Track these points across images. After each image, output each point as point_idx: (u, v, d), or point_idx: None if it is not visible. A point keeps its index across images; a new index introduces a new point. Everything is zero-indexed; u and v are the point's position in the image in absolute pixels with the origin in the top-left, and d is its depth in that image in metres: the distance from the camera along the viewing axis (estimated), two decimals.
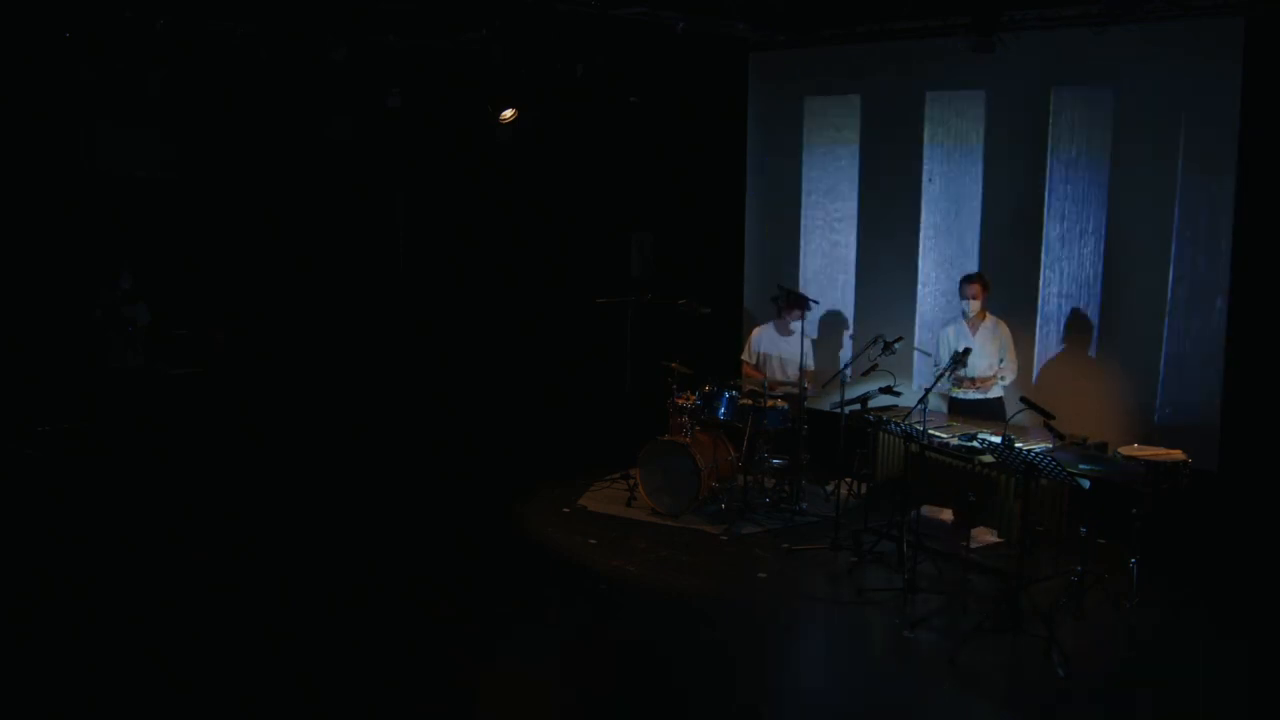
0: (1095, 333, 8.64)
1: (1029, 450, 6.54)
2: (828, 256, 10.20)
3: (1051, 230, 8.79)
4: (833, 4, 9.20)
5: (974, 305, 8.11)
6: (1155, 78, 8.21)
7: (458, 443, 10.63)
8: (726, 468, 8.62)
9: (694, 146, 11.14)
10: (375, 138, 10.79)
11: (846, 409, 7.99)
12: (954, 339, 8.22)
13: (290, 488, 9.11)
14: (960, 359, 7.50)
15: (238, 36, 8.92)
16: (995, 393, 8.12)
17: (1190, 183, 8.12)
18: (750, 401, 8.47)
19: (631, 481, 8.81)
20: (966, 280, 8.23)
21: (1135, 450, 6.85)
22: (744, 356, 9.25)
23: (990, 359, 8.10)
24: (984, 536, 7.84)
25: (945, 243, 9.41)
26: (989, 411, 7.90)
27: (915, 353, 9.19)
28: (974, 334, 8.09)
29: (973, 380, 8.14)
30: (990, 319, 8.18)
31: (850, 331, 10.00)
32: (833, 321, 10.08)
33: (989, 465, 6.93)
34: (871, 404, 7.92)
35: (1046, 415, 6.94)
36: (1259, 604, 7.01)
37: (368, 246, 11.41)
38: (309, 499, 8.85)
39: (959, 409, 8.15)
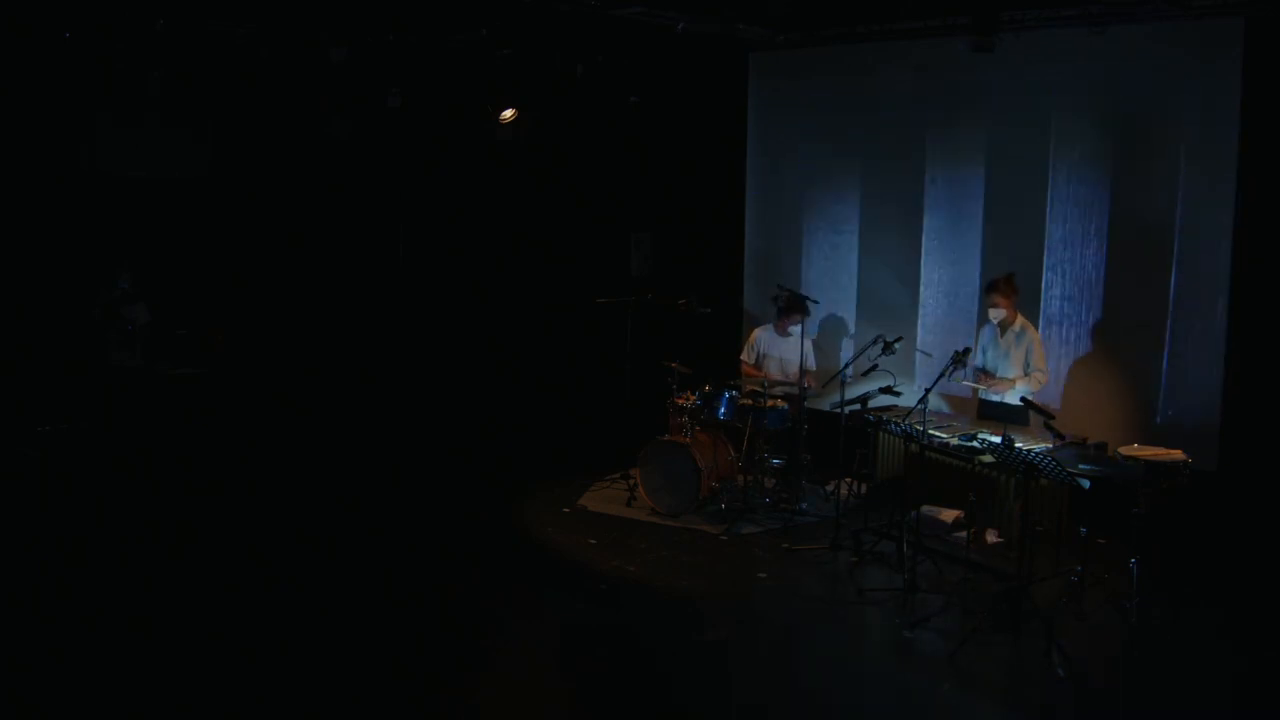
0: (1097, 333, 8.65)
1: (1029, 450, 6.54)
2: (828, 256, 10.21)
3: (1054, 231, 8.79)
4: (833, 4, 9.20)
5: (996, 313, 7.91)
6: (1155, 78, 8.22)
7: (458, 442, 10.63)
8: (726, 468, 8.62)
9: (694, 146, 11.14)
10: (375, 138, 10.77)
11: (846, 409, 7.99)
12: (984, 340, 8.12)
13: (290, 488, 9.10)
14: (960, 358, 7.48)
15: (238, 36, 8.91)
16: (1016, 399, 7.71)
17: (1190, 183, 8.13)
18: (750, 401, 8.47)
19: (631, 481, 8.81)
20: (985, 290, 8.01)
21: (1135, 450, 6.85)
22: (744, 356, 9.25)
23: (1015, 366, 7.89)
24: (987, 537, 7.85)
25: (947, 243, 9.42)
26: (1012, 417, 7.64)
27: (916, 353, 9.19)
28: (1001, 337, 7.99)
29: (989, 376, 8.02)
30: (1019, 324, 7.94)
31: (850, 332, 10.01)
32: (833, 322, 10.08)
33: (989, 465, 6.93)
34: (871, 404, 7.92)
35: (1046, 415, 6.95)
36: (1259, 603, 7.01)
37: (367, 246, 11.39)
38: (309, 499, 8.84)
39: (986, 411, 7.99)
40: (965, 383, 8.07)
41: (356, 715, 5.49)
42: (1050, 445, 6.84)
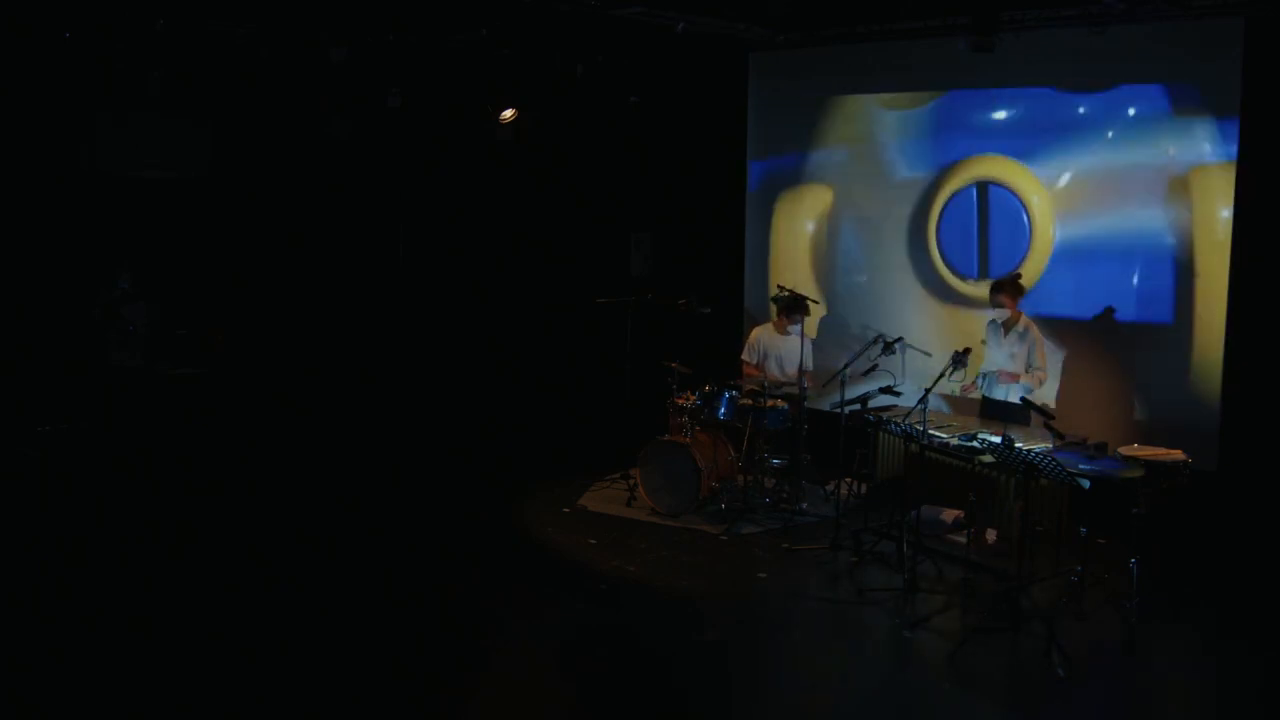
0: (1096, 332, 8.65)
1: (1029, 450, 6.54)
2: (828, 256, 10.21)
3: (1052, 230, 8.79)
4: (833, 4, 9.20)
5: (999, 313, 7.98)
6: (1155, 78, 8.22)
7: (458, 442, 10.63)
8: (726, 468, 8.62)
9: (694, 146, 11.14)
10: (375, 138, 10.78)
11: (846, 409, 7.99)
12: (988, 338, 8.15)
13: (290, 488, 9.11)
14: (960, 359, 7.49)
15: (238, 36, 8.91)
16: (1017, 398, 7.77)
17: (1190, 182, 8.13)
18: (750, 401, 8.47)
19: (631, 481, 8.81)
20: (990, 290, 8.09)
21: (1135, 450, 6.85)
22: (745, 356, 9.25)
23: (1015, 367, 7.93)
24: (987, 537, 7.85)
25: (946, 242, 9.43)
26: (1012, 417, 7.70)
27: (915, 352, 9.19)
28: (1004, 337, 8.01)
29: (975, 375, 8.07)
30: (1022, 323, 7.97)
31: (850, 332, 10.00)
32: (833, 321, 10.09)
33: (989, 465, 6.93)
34: (871, 404, 7.92)
35: (1046, 415, 6.95)
36: (1259, 604, 7.01)
37: (367, 246, 11.40)
38: (309, 499, 8.84)
39: (987, 411, 8.04)
40: (959, 391, 8.13)
41: (356, 715, 5.49)
42: (1050, 445, 6.84)
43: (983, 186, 9.18)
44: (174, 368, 10.16)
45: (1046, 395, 8.49)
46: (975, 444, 7.09)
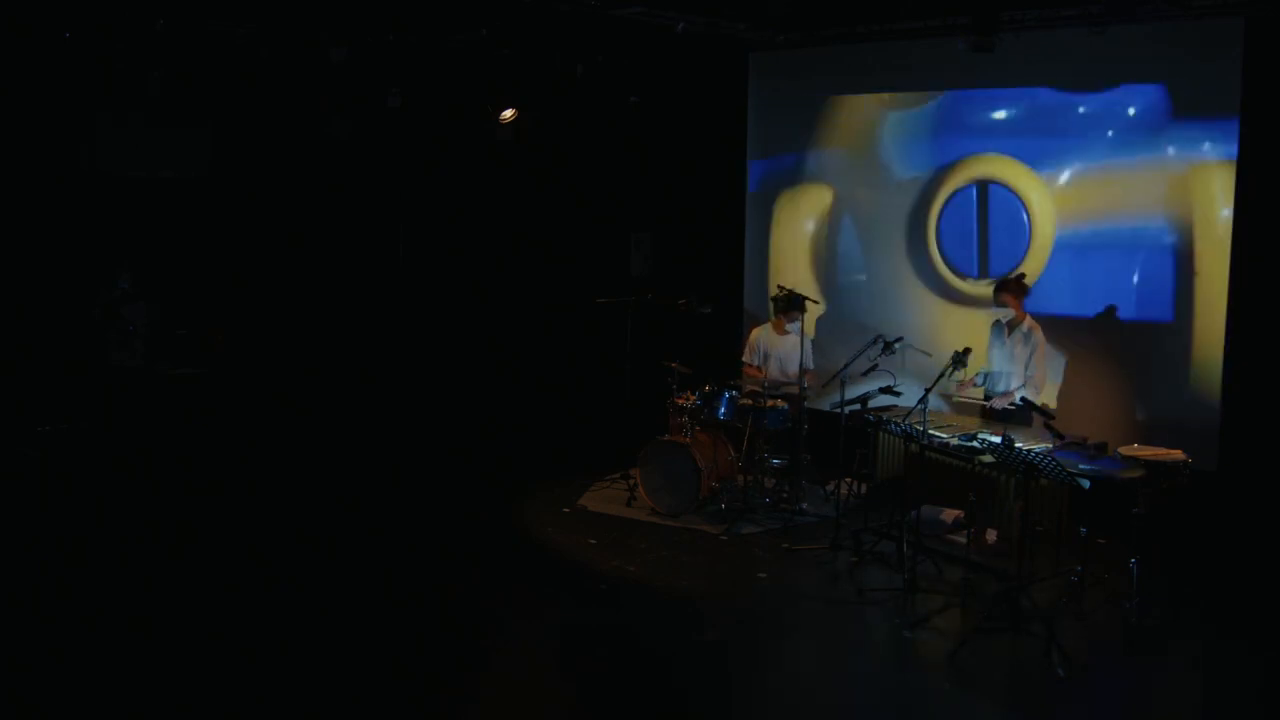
0: (1096, 332, 8.65)
1: (1029, 450, 6.54)
2: (828, 256, 10.21)
3: (1052, 228, 8.80)
4: (833, 4, 9.20)
5: (1004, 313, 7.96)
6: (1155, 78, 8.23)
7: (458, 442, 10.62)
8: (726, 468, 8.62)
9: (694, 146, 11.14)
10: (375, 138, 10.78)
11: (846, 409, 7.98)
12: (991, 338, 8.14)
13: (290, 488, 9.10)
14: (960, 358, 7.48)
15: (238, 36, 8.91)
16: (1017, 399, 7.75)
17: (1190, 181, 8.13)
18: (750, 401, 8.48)
19: (631, 481, 8.81)
20: (995, 289, 8.11)
21: (1135, 450, 6.86)
22: (745, 358, 9.25)
23: (1016, 368, 7.90)
24: (987, 537, 7.85)
25: (946, 242, 9.43)
26: (1013, 417, 7.70)
27: (916, 352, 9.19)
28: (1008, 337, 8.01)
29: (980, 391, 8.07)
30: (1026, 324, 7.93)
31: (850, 332, 10.00)
32: (832, 321, 10.09)
33: (989, 465, 6.93)
34: (871, 404, 7.92)
35: (1046, 415, 6.95)
36: (1258, 604, 7.01)
37: (367, 247, 11.40)
38: (309, 499, 8.84)
39: (988, 412, 8.01)
40: (963, 394, 8.13)
41: (356, 715, 5.49)
42: (1050, 445, 6.84)
43: (983, 185, 9.20)
44: (174, 368, 10.16)
45: (1047, 395, 8.49)
46: (975, 444, 7.09)
